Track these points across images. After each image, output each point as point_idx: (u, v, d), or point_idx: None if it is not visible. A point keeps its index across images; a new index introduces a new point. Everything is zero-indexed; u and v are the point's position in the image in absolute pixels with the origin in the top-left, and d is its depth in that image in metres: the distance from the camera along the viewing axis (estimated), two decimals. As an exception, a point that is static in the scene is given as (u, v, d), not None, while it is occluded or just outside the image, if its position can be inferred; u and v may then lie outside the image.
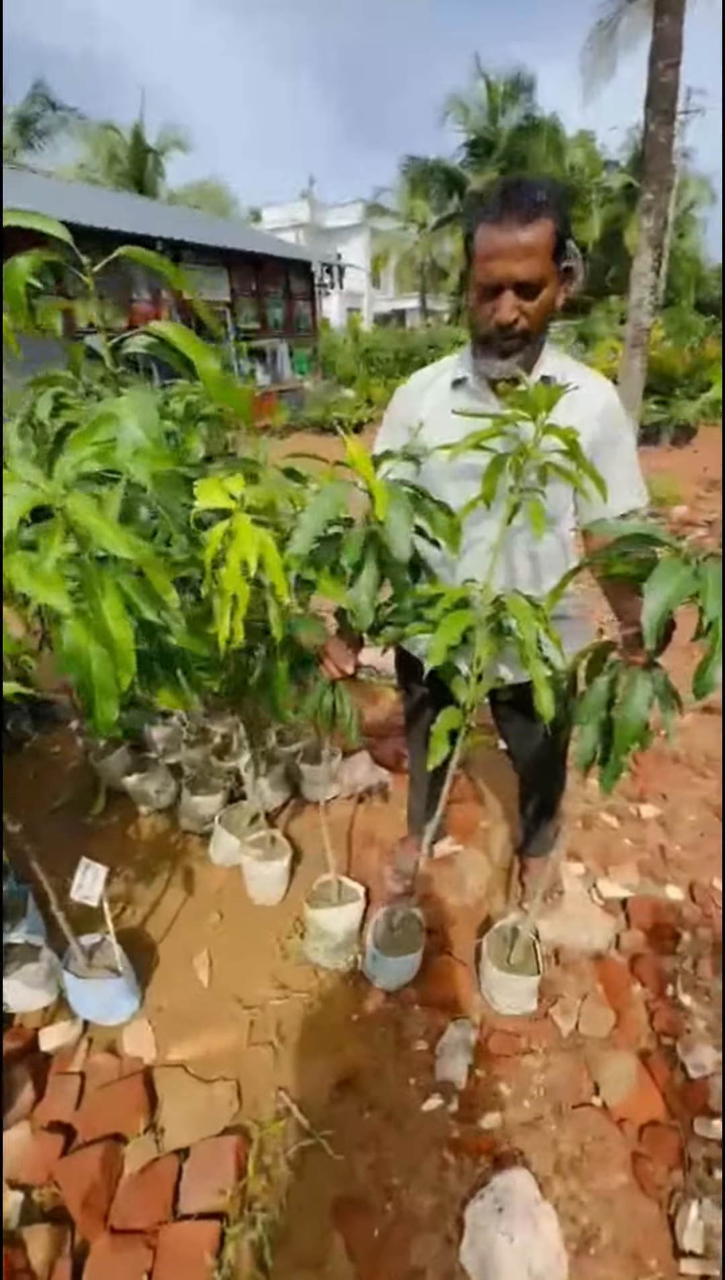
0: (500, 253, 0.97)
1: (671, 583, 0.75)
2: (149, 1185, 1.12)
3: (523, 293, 1.00)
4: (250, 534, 0.78)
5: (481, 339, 1.07)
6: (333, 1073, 1.30)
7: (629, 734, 0.91)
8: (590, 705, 0.95)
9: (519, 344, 1.05)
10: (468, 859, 1.81)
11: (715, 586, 0.74)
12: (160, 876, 1.79)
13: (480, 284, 1.01)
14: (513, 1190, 1.05)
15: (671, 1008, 1.38)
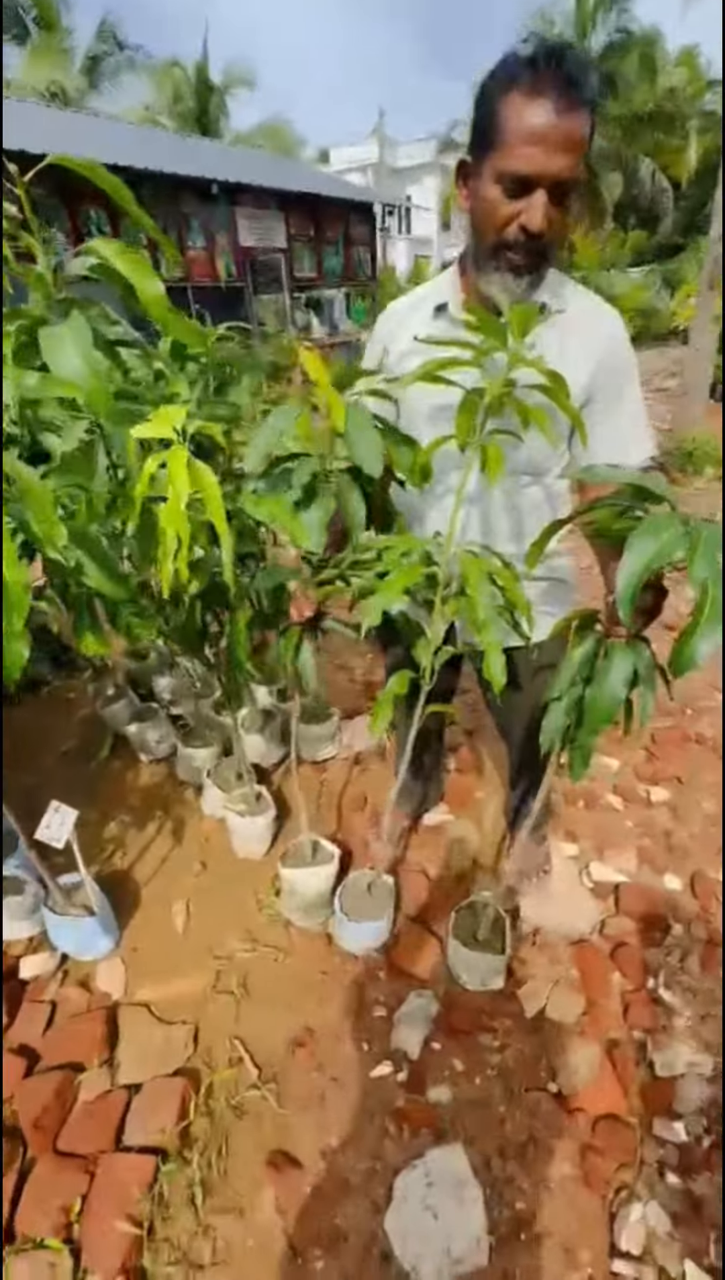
0: (541, 136, 0.78)
1: (656, 540, 0.64)
2: (97, 1115, 1.16)
3: (556, 195, 0.82)
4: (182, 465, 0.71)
5: (490, 249, 0.89)
6: (289, 1028, 1.30)
7: (600, 714, 0.81)
8: (563, 680, 0.85)
9: (538, 262, 0.88)
10: (458, 829, 1.75)
11: (710, 546, 0.62)
12: (152, 823, 1.83)
13: (508, 173, 0.82)
14: (445, 1166, 1.03)
15: (649, 1001, 1.30)
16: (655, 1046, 1.22)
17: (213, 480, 0.76)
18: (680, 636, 0.65)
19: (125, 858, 1.73)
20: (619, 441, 1.01)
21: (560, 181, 0.81)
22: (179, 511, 0.74)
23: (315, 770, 2.00)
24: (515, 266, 0.88)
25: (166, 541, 0.72)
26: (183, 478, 0.71)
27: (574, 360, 0.95)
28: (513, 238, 0.85)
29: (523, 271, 0.88)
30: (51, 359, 0.87)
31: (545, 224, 0.83)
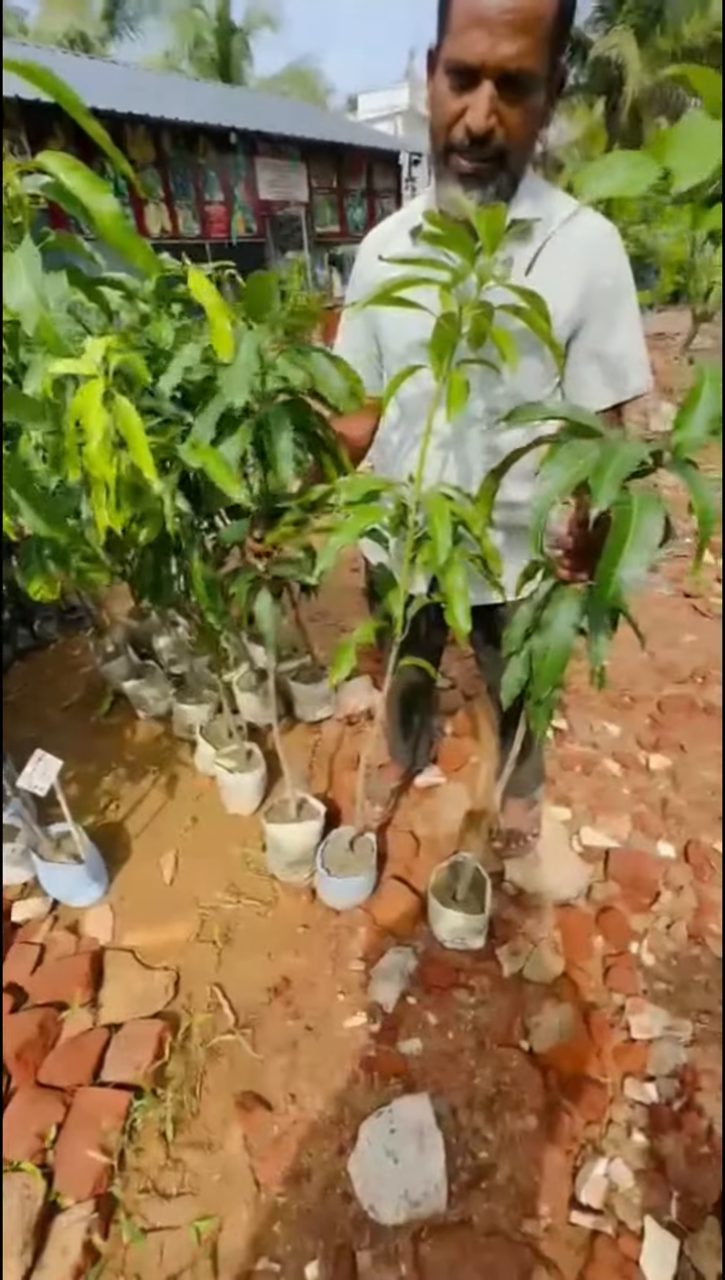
0: (486, 18, 0.69)
1: (567, 467, 0.59)
2: (77, 1051, 1.19)
3: (508, 89, 0.73)
4: (97, 403, 0.68)
5: (442, 153, 0.81)
6: (267, 977, 1.32)
7: (551, 663, 0.77)
8: (516, 632, 0.81)
9: (491, 170, 0.79)
10: (449, 791, 1.73)
11: (618, 470, 0.57)
12: (147, 778, 1.85)
13: (450, 66, 0.74)
14: (409, 1114, 1.03)
15: (631, 966, 1.28)
16: (633, 1010, 1.20)
17: (137, 424, 0.72)
18: (601, 565, 0.60)
19: (119, 810, 1.75)
20: (613, 371, 0.93)
21: (509, 73, 0.71)
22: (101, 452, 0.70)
23: (310, 731, 1.99)
24: (464, 174, 0.79)
25: (95, 487, 0.69)
26: (97, 415, 0.67)
27: (561, 280, 0.86)
28: (458, 139, 0.77)
29: (474, 181, 0.80)
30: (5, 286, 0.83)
31: (492, 122, 0.74)
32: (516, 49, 0.71)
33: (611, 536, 0.63)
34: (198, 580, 0.99)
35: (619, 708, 2.01)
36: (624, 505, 0.62)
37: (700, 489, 0.63)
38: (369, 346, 1.06)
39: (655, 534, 0.63)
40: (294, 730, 2.00)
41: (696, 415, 0.58)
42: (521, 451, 0.74)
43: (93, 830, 1.62)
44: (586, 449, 0.61)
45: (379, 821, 1.64)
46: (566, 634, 0.79)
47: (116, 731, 2.04)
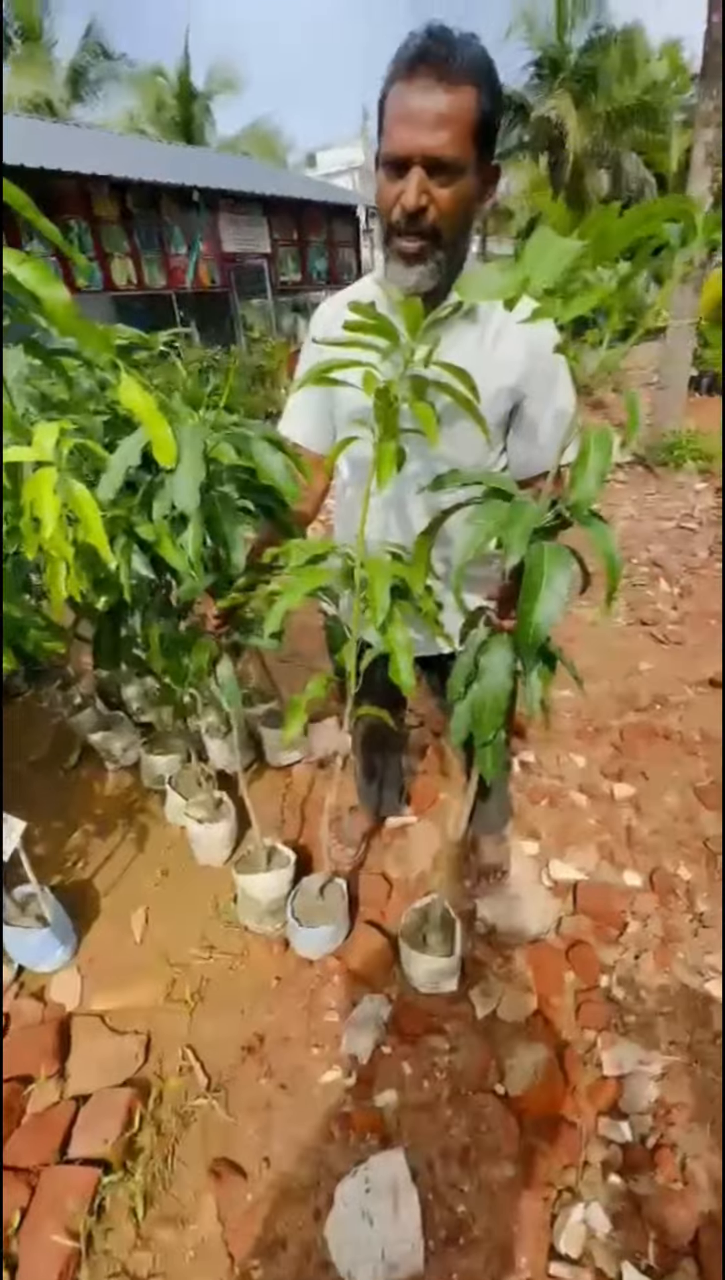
0: (410, 117, 0.79)
1: (483, 525, 0.66)
2: (43, 1127, 1.15)
3: (436, 173, 0.82)
4: (50, 490, 0.71)
5: (385, 237, 0.89)
6: (240, 1035, 1.30)
7: (490, 707, 0.81)
8: (458, 679, 0.85)
9: (427, 247, 0.87)
10: (420, 832, 1.74)
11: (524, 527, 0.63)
12: (116, 831, 1.82)
13: (386, 157, 0.83)
14: (385, 1172, 1.02)
15: (601, 1001, 1.29)
16: (605, 1045, 1.21)
17: (91, 505, 0.75)
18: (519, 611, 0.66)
19: (88, 867, 1.72)
20: (549, 442, 1.00)
21: (435, 158, 0.80)
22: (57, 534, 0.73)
23: (281, 775, 2.00)
24: (404, 253, 0.87)
25: (53, 564, 0.72)
26: (51, 501, 0.70)
27: (505, 358, 0.94)
28: (397, 219, 0.85)
29: (414, 259, 0.87)
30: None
31: (423, 201, 0.82)
32: (438, 140, 0.80)
33: (524, 586, 0.69)
34: (155, 646, 1.01)
35: (583, 738, 2.06)
36: (536, 557, 0.68)
37: (604, 539, 0.69)
38: (325, 405, 1.12)
39: (563, 582, 0.68)
40: (265, 775, 2.00)
41: (588, 475, 0.64)
42: (448, 513, 0.80)
43: (60, 889, 1.59)
44: (499, 509, 0.66)
45: (351, 865, 1.64)
46: (502, 678, 0.83)
47: (84, 785, 2.02)
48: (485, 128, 0.83)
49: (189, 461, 0.74)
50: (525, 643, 0.71)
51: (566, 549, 0.72)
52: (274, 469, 0.83)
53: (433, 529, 0.86)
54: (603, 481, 0.67)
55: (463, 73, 0.79)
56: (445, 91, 0.79)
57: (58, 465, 0.76)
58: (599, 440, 0.64)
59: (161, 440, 0.72)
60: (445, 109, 0.79)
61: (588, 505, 0.68)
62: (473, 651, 0.87)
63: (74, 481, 0.76)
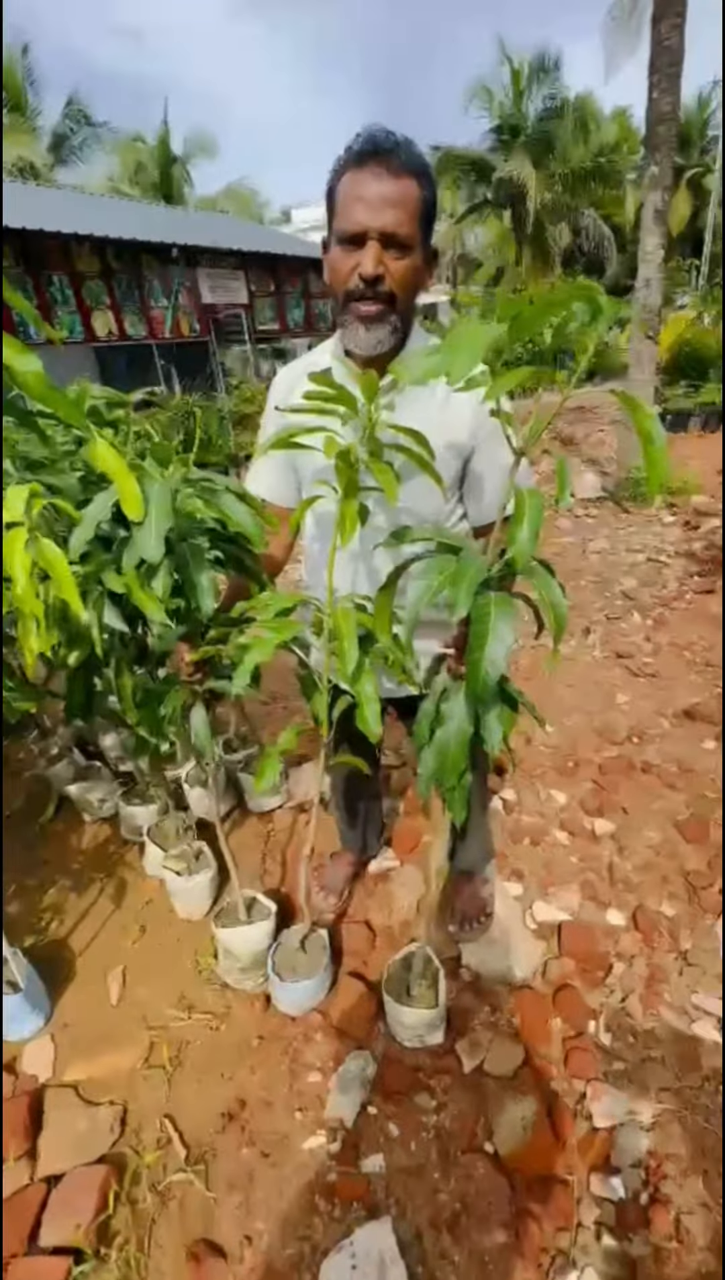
0: (365, 197, 0.89)
1: (432, 578, 0.69)
2: (12, 1214, 1.09)
3: (389, 247, 0.90)
4: (20, 550, 0.73)
5: (342, 304, 0.97)
6: (221, 1101, 1.25)
7: (454, 753, 0.82)
8: (423, 726, 0.86)
9: (384, 311, 0.94)
10: (403, 876, 1.72)
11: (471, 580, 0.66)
12: (93, 886, 1.78)
13: (342, 233, 0.92)
14: (371, 1246, 0.98)
15: (589, 1048, 1.27)
16: (594, 1095, 1.18)
17: (61, 562, 0.77)
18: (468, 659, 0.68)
19: (63, 925, 1.67)
20: (499, 493, 1.05)
21: (387, 233, 0.89)
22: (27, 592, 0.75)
23: (262, 821, 1.97)
24: (362, 316, 0.94)
25: (24, 621, 0.73)
26: (22, 560, 0.72)
27: (451, 419, 1.01)
28: (354, 286, 0.93)
29: (370, 322, 0.94)
30: None
31: (379, 270, 0.90)
32: (390, 218, 0.89)
33: (472, 635, 0.71)
34: (127, 699, 1.02)
35: (564, 773, 2.07)
36: (482, 608, 0.71)
37: (548, 589, 0.72)
38: (288, 464, 1.16)
39: (508, 630, 0.71)
40: (245, 822, 1.97)
41: (523, 531, 0.67)
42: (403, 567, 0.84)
43: (33, 951, 1.54)
44: (447, 563, 0.69)
45: (334, 913, 1.61)
46: (463, 724, 0.85)
47: (61, 838, 1.97)
48: (427, 214, 0.93)
49: (156, 514, 0.76)
50: (474, 690, 0.73)
51: (511, 599, 0.75)
52: (240, 517, 0.86)
53: (392, 581, 0.88)
54: (536, 537, 0.70)
55: (406, 166, 0.89)
56: (393, 179, 0.89)
57: (28, 525, 0.78)
58: (531, 499, 0.68)
59: (130, 496, 0.75)
60: (395, 193, 0.89)
61: (524, 560, 0.71)
62: (435, 698, 0.88)
63: (44, 540, 0.78)
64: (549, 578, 0.74)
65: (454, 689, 0.83)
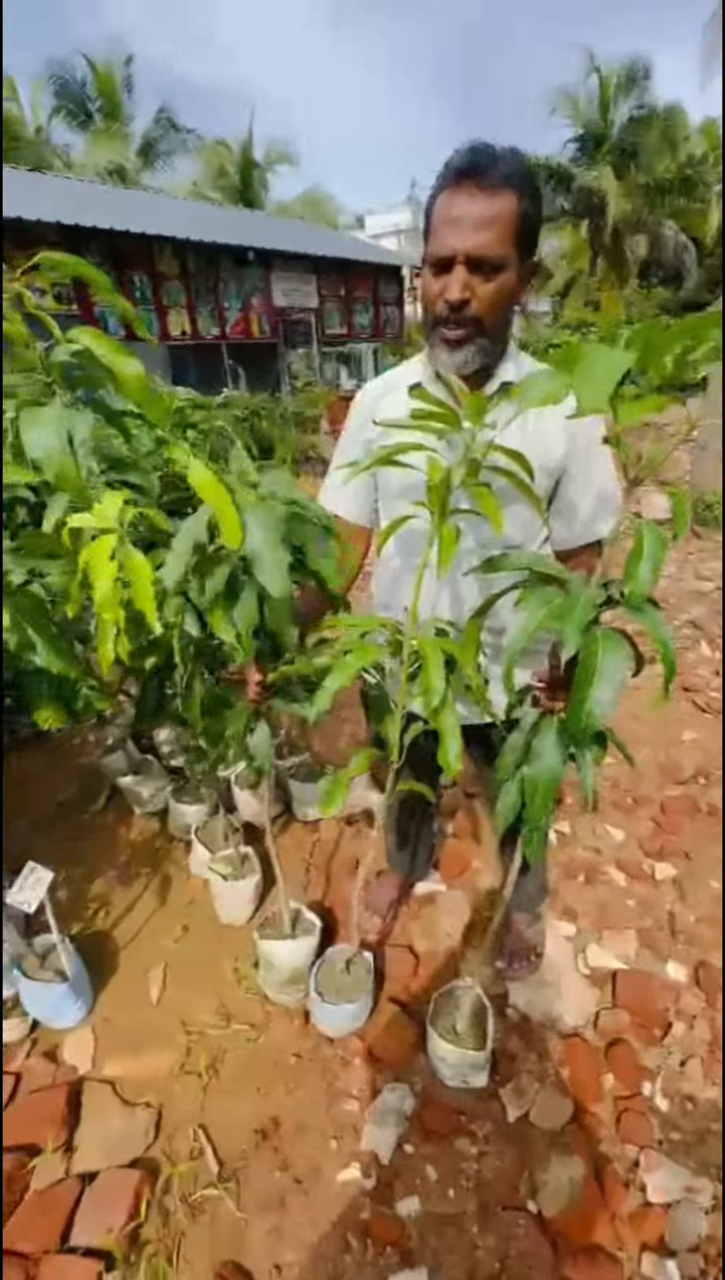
0: (455, 220, 0.86)
1: (536, 613, 0.64)
2: (47, 1209, 1.10)
3: (477, 270, 0.88)
4: (105, 558, 0.73)
5: (430, 325, 0.95)
6: (255, 1118, 1.23)
7: (542, 793, 0.77)
8: (507, 761, 0.82)
9: (470, 334, 0.92)
10: (449, 901, 1.67)
11: (581, 614, 0.62)
12: (139, 881, 1.80)
13: (431, 257, 0.90)
14: (406, 1298, 0.93)
15: (644, 1111, 1.19)
16: (648, 1165, 1.11)
17: (144, 572, 0.76)
18: (572, 699, 0.64)
19: (108, 917, 1.69)
20: (590, 515, 1.01)
21: (478, 258, 0.86)
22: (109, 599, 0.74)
23: (307, 829, 1.96)
24: (448, 340, 0.92)
25: (104, 627, 0.72)
26: (106, 568, 0.72)
27: (547, 436, 0.97)
28: (441, 311, 0.91)
29: (457, 344, 0.92)
30: (28, 439, 0.90)
31: (465, 294, 0.88)
32: (478, 240, 0.86)
33: (579, 674, 0.67)
34: (195, 708, 1.01)
35: (622, 810, 1.98)
36: (590, 646, 0.66)
37: (657, 630, 0.67)
38: (367, 479, 1.14)
39: (620, 671, 0.66)
40: (291, 829, 1.96)
41: (643, 568, 0.63)
42: (497, 596, 0.80)
43: (79, 939, 1.56)
44: (551, 596, 0.66)
45: (377, 935, 1.58)
46: (554, 763, 0.81)
47: (110, 829, 2.00)
48: (525, 229, 0.90)
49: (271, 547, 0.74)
50: (575, 731, 0.69)
51: (621, 636, 0.70)
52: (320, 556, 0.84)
53: (484, 610, 0.85)
54: (658, 574, 0.66)
55: (503, 181, 0.86)
56: (489, 197, 0.86)
57: (119, 534, 0.77)
58: (652, 534, 0.64)
59: (231, 526, 0.73)
60: (488, 213, 0.86)
61: (641, 597, 0.66)
62: (524, 733, 0.84)
63: (132, 549, 0.77)
64: (659, 615, 0.69)
65: (545, 725, 0.79)
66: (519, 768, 0.86)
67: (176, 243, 7.99)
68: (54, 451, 0.89)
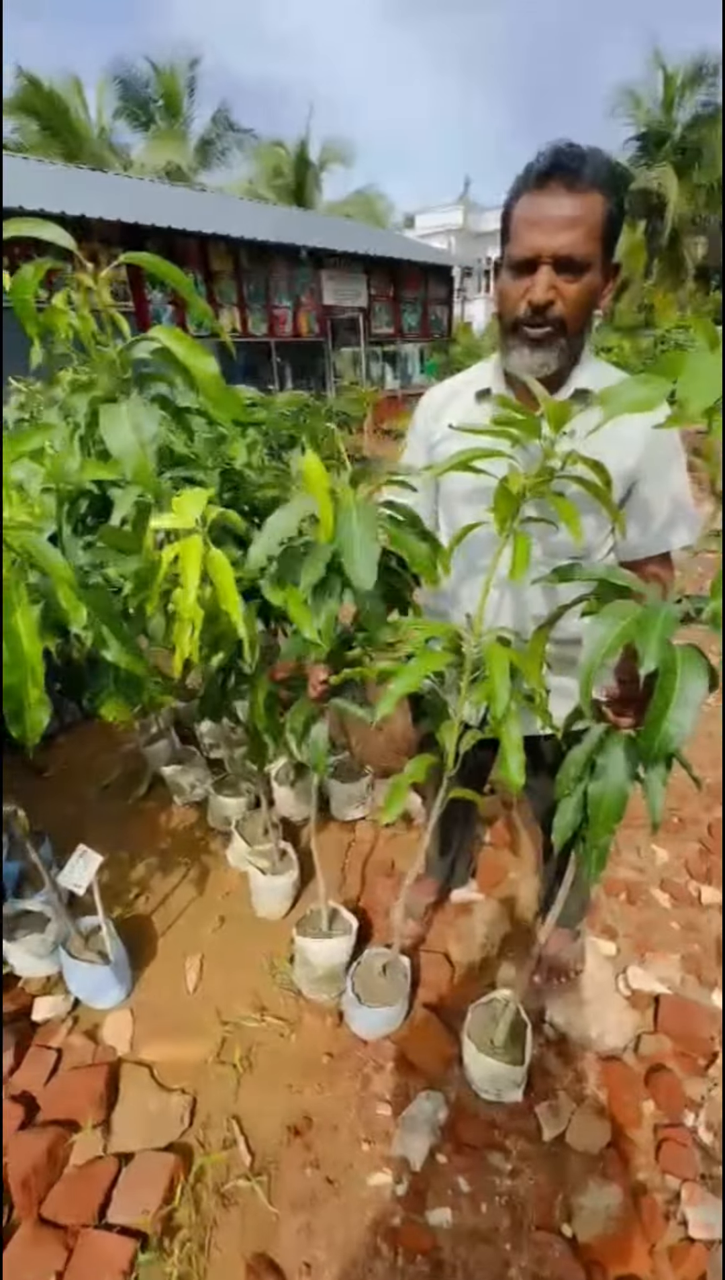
0: (541, 221, 0.86)
1: (609, 626, 0.62)
2: (85, 1184, 1.13)
3: (563, 271, 0.87)
4: (196, 559, 0.74)
5: (509, 327, 0.94)
6: (288, 1113, 1.24)
7: (607, 810, 0.76)
8: (568, 775, 0.80)
9: (552, 336, 0.91)
10: (486, 911, 1.65)
11: (663, 630, 0.59)
12: (179, 869, 1.83)
13: (513, 259, 0.89)
14: (437, 1310, 0.93)
15: (686, 1143, 1.16)
16: (690, 1200, 1.08)
17: (227, 571, 0.77)
18: (649, 719, 0.62)
19: (148, 902, 1.73)
20: (664, 524, 0.98)
21: (562, 257, 0.85)
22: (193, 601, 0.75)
23: (344, 829, 1.96)
24: (529, 340, 0.91)
25: (181, 625, 0.73)
26: (195, 570, 0.73)
27: (622, 443, 0.94)
28: (523, 313, 0.90)
29: (537, 345, 0.91)
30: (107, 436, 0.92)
31: (551, 294, 0.87)
32: (565, 240, 0.85)
33: (657, 694, 0.65)
34: (259, 704, 1.02)
35: (668, 830, 1.92)
36: (669, 663, 0.64)
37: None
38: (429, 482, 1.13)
39: (699, 691, 0.64)
40: (328, 828, 1.97)
41: None
42: (566, 607, 0.78)
43: (120, 923, 1.60)
44: (628, 609, 0.64)
45: (412, 940, 1.57)
46: (622, 781, 0.79)
47: (151, 816, 2.05)
48: (610, 230, 0.88)
49: (364, 543, 0.75)
50: (649, 751, 0.67)
51: (700, 653, 0.68)
52: (420, 555, 0.83)
53: (553, 620, 0.84)
54: None
55: (590, 181, 0.85)
56: (575, 197, 0.85)
57: (202, 535, 0.78)
58: None
59: (326, 520, 0.73)
60: (574, 213, 0.85)
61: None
62: (588, 749, 0.82)
63: (215, 550, 0.78)
64: None
65: (611, 741, 0.77)
66: (579, 783, 0.85)
67: (230, 241, 8.11)
68: (131, 448, 0.91)
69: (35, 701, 0.70)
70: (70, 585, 0.69)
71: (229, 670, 1.06)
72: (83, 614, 0.70)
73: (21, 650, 0.67)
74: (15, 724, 0.73)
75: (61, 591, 0.69)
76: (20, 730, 0.73)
